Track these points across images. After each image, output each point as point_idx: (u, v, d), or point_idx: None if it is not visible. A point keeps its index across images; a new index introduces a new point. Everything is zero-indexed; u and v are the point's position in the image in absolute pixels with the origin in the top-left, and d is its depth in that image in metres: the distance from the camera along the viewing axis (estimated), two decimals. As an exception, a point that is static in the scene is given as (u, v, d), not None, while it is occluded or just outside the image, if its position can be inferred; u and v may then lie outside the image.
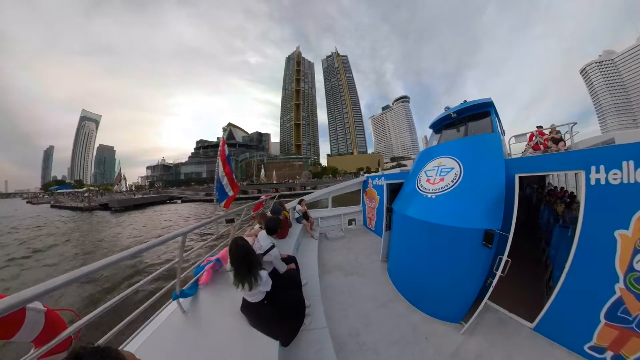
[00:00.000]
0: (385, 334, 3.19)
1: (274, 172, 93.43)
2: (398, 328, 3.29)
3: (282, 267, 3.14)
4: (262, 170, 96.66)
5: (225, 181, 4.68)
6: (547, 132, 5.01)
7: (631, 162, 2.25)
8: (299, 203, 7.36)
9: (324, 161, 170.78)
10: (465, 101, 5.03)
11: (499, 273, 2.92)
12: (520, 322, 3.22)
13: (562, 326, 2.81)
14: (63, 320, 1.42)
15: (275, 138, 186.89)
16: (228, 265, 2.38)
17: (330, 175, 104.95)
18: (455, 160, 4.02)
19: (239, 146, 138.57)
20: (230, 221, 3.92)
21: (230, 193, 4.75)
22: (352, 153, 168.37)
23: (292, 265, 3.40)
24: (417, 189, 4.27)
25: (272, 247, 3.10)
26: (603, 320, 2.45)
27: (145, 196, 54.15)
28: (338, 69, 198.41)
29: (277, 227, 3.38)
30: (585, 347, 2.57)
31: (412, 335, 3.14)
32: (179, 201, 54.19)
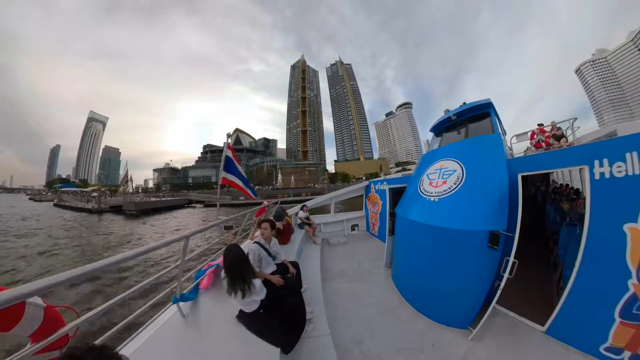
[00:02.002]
0: (390, 341, 3.10)
1: (292, 177, 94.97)
2: (403, 335, 3.18)
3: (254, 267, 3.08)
4: (280, 176, 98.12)
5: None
6: (548, 129, 4.94)
7: (635, 154, 2.21)
8: (302, 209, 7.35)
9: (330, 167, 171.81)
10: (464, 103, 5.03)
11: (506, 275, 2.84)
12: (531, 326, 3.09)
13: (575, 328, 2.69)
14: (62, 318, 1.43)
15: (280, 144, 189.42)
16: (222, 273, 2.37)
17: (353, 180, 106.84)
18: (457, 163, 3.99)
19: (246, 151, 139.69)
20: (228, 228, 3.90)
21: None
22: (359, 159, 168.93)
23: (278, 278, 3.22)
24: (420, 192, 4.23)
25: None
26: (618, 319, 2.34)
27: (162, 199, 47.65)
28: (342, 76, 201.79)
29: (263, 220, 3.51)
30: (601, 349, 2.45)
31: (418, 342, 3.03)
32: (201, 205, 49.02)
